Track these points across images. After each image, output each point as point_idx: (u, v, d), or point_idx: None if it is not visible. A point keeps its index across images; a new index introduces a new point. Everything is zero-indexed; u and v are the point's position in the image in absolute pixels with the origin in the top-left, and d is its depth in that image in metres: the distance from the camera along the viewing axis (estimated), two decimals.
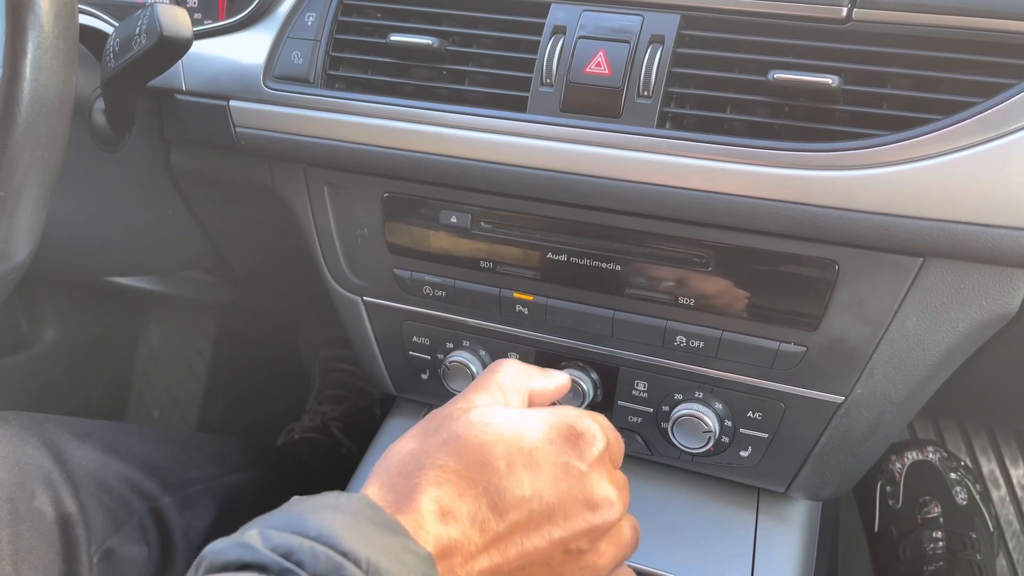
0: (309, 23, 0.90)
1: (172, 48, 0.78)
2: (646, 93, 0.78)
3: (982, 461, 1.68)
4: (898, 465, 1.57)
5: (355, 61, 0.90)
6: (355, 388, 1.87)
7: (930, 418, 1.69)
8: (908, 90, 0.72)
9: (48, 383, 1.77)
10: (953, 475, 1.54)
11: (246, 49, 0.92)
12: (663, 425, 0.93)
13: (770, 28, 0.76)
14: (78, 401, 1.84)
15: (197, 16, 0.99)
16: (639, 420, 0.95)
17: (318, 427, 1.76)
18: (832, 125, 0.73)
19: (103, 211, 1.05)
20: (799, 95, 0.74)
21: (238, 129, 0.93)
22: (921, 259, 0.75)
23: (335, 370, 1.90)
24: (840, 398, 0.84)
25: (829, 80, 0.72)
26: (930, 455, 1.56)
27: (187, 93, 0.95)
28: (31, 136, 0.65)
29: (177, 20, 0.76)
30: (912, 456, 1.57)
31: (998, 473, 1.66)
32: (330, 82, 0.90)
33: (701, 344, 0.86)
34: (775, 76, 0.73)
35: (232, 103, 0.93)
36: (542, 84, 0.81)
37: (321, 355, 1.93)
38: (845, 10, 0.73)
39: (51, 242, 0.84)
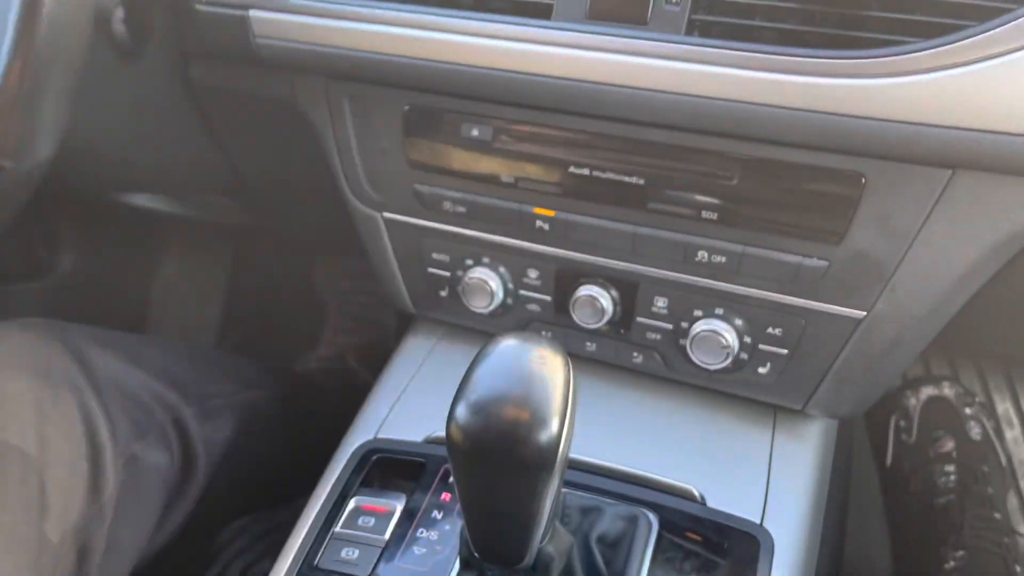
0: None
1: None
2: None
3: (996, 399, 1.68)
4: (913, 400, 1.57)
5: None
6: (371, 320, 1.88)
7: (946, 356, 1.69)
8: None
9: (65, 310, 1.78)
10: (968, 410, 1.55)
11: None
12: (682, 342, 0.93)
13: None
14: None
15: None
16: (658, 337, 0.95)
17: (334, 356, 1.78)
18: (865, 32, 0.72)
19: (122, 124, 1.05)
20: (831, 1, 0.72)
21: (258, 40, 0.92)
22: (951, 171, 0.74)
23: (351, 303, 1.92)
24: (862, 313, 0.84)
25: None
26: (945, 390, 1.57)
27: (206, 3, 0.94)
28: (54, 30, 0.64)
29: None
30: (927, 392, 1.57)
31: (1012, 412, 1.67)
32: None
33: (723, 259, 0.86)
34: None
35: (252, 12, 0.91)
36: None
37: (337, 287, 1.94)
38: None
39: (70, 152, 0.84)
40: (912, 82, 0.69)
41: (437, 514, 0.89)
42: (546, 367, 0.58)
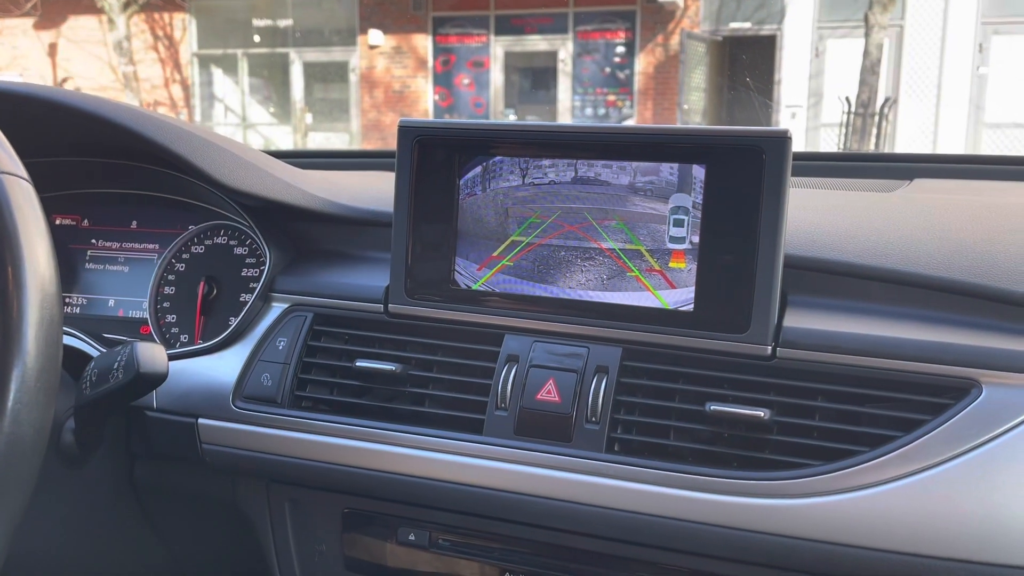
0: (280, 347, 0.96)
1: (148, 383, 0.83)
2: (594, 419, 0.83)
3: None
4: None
5: (321, 383, 0.95)
6: None
7: None
8: (835, 423, 0.77)
9: None
10: None
11: (218, 370, 0.98)
12: None
13: (705, 362, 0.83)
14: None
15: (174, 331, 1.06)
16: None
17: None
18: (769, 454, 0.78)
19: (60, 525, 1.05)
20: (736, 425, 0.80)
21: (205, 446, 0.96)
22: None
23: None
24: None
25: (761, 413, 0.78)
26: None
27: (157, 411, 0.99)
28: (10, 452, 0.66)
29: (155, 359, 0.82)
30: None
31: None
32: (296, 402, 0.95)
33: None
34: (712, 408, 0.79)
35: (201, 421, 0.97)
36: (497, 408, 0.86)
37: None
38: (769, 349, 0.80)
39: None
40: (816, 503, 0.74)
41: None
42: None
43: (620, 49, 11.64)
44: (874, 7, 8.91)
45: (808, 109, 10.55)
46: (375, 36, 12.16)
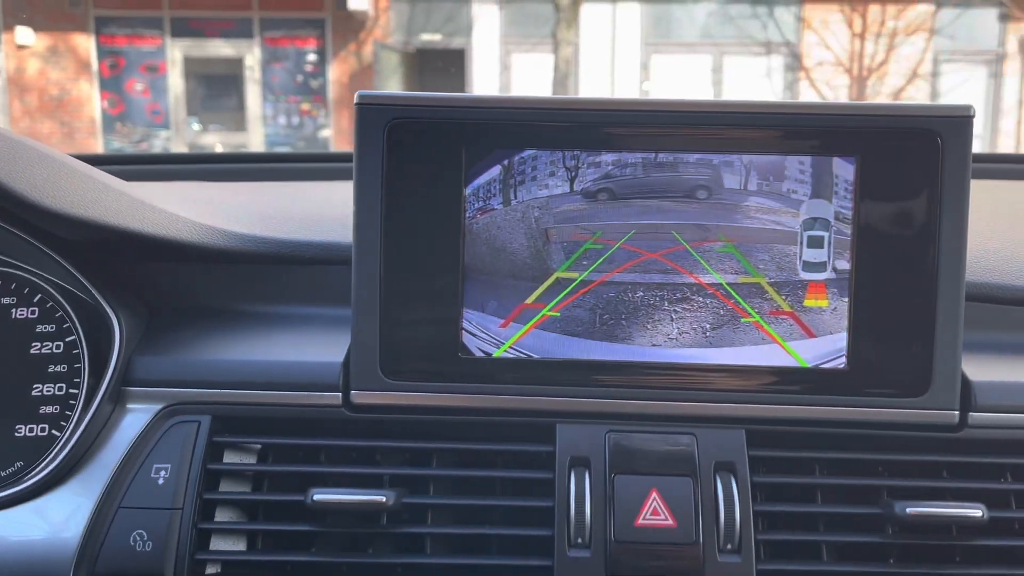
0: (160, 482, 0.56)
1: None
2: (730, 547, 0.54)
3: None
4: None
5: (234, 532, 0.56)
6: None
7: None
8: None
9: None
10: None
11: (39, 531, 0.55)
12: None
13: (869, 442, 0.58)
14: None
15: None
16: None
17: None
18: (989, 568, 0.55)
19: None
20: (938, 531, 0.55)
21: None
22: None
23: None
24: None
25: (978, 512, 0.54)
26: None
27: None
28: None
29: None
30: None
31: None
32: (197, 572, 0.55)
33: None
34: (909, 511, 0.54)
35: None
36: (571, 546, 0.54)
37: None
38: (957, 415, 0.57)
39: None
40: None
41: None
42: None
43: (312, 57, 11.17)
44: (560, 24, 9.38)
45: None
46: (24, 34, 10.56)
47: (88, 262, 0.61)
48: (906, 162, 0.56)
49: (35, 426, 0.59)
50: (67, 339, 0.61)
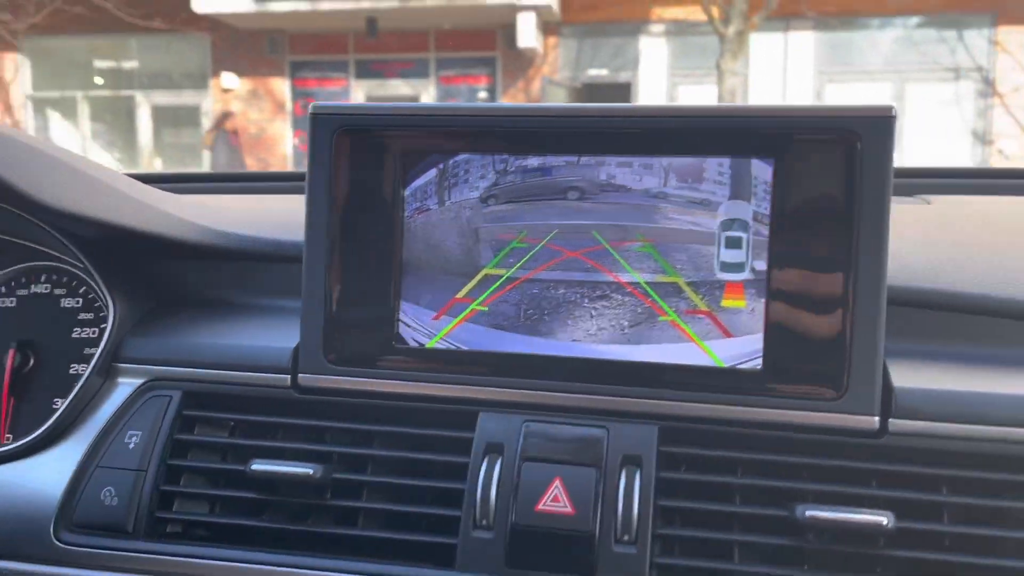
0: (132, 445, 0.64)
1: None
2: (627, 537, 0.55)
3: None
4: None
5: (196, 497, 0.63)
6: None
7: None
8: (970, 526, 0.53)
9: None
10: None
11: (33, 483, 0.65)
12: None
13: (782, 444, 0.57)
14: None
15: None
16: None
17: None
18: None
19: None
20: (841, 538, 0.54)
21: None
22: None
23: None
24: None
25: (883, 519, 0.52)
26: None
27: None
28: None
29: None
30: None
31: None
32: (158, 529, 0.62)
33: None
34: (808, 514, 0.53)
35: (2, 565, 0.62)
36: (476, 527, 0.57)
37: None
38: (877, 421, 0.55)
39: None
40: None
41: None
42: None
43: (483, 95, 11.58)
44: (725, 55, 9.24)
45: None
46: (229, 79, 11.61)
47: (100, 256, 0.71)
48: (824, 164, 0.56)
49: (65, 400, 0.69)
50: (101, 326, 0.72)
